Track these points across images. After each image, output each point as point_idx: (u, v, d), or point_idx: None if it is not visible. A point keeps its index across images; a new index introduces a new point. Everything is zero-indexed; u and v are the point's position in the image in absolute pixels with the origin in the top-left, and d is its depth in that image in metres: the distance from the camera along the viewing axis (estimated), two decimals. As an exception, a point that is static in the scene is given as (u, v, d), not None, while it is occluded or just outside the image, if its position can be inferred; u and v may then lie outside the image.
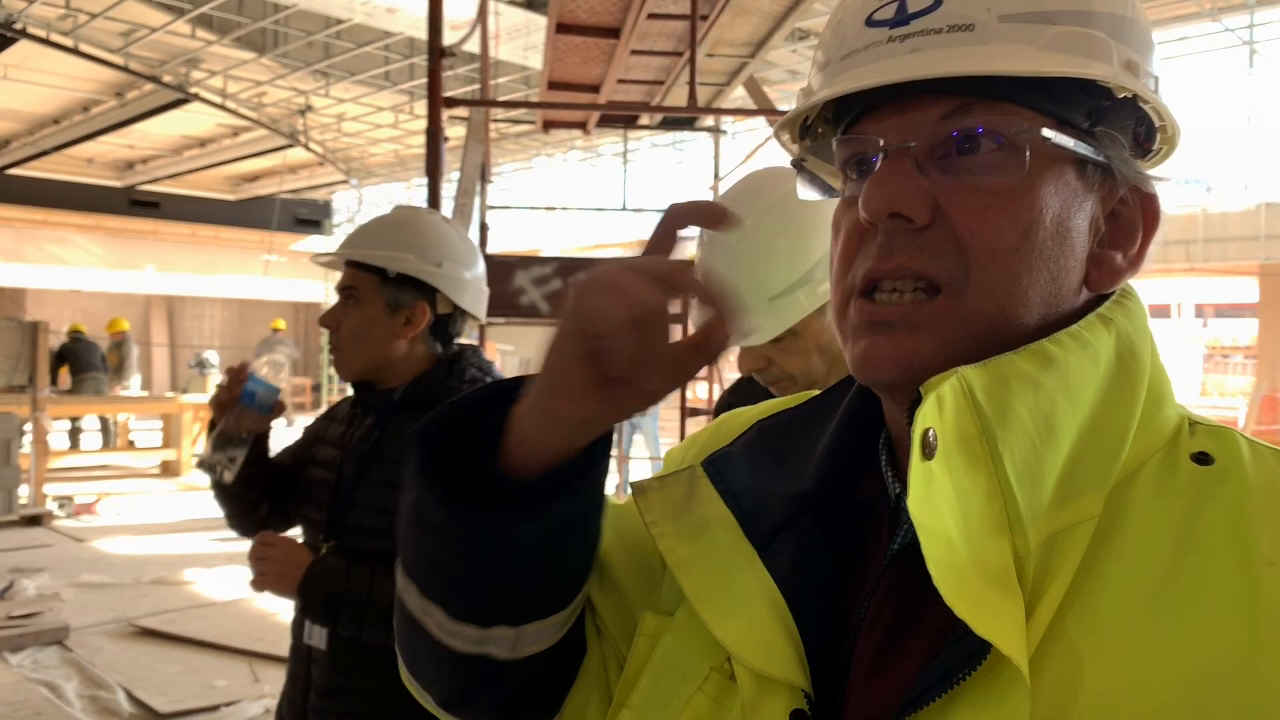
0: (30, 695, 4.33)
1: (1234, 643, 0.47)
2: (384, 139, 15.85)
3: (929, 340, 0.55)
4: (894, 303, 0.55)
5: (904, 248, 0.55)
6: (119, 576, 6.52)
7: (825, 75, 0.59)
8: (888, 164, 0.55)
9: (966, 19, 0.54)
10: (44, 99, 13.79)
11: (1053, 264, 0.55)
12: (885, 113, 0.56)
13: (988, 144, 0.54)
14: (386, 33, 10.66)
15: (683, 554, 0.60)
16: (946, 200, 0.54)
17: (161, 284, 19.94)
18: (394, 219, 1.75)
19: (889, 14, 0.56)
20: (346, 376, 1.70)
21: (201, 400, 11.80)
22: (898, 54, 0.55)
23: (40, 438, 8.86)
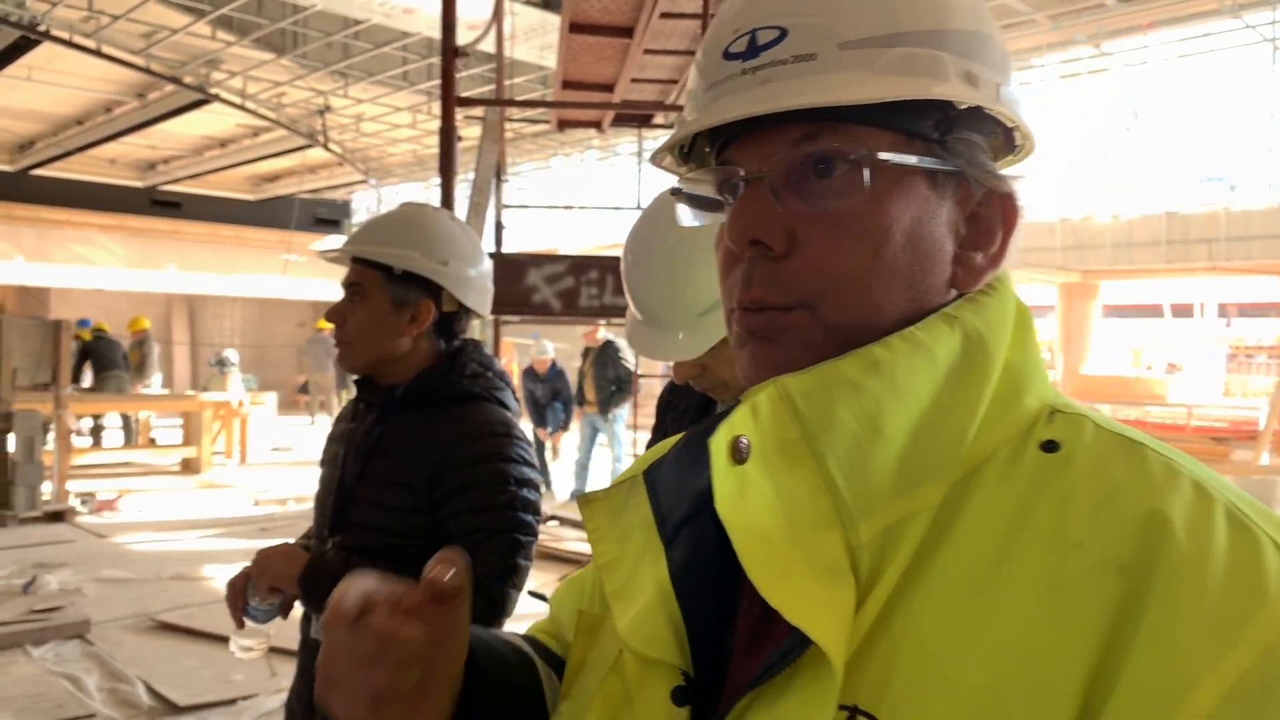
0: (52, 688, 4.39)
1: (1034, 628, 0.48)
2: (402, 139, 15.93)
3: (796, 349, 0.58)
4: (765, 318, 0.59)
5: (762, 278, 0.59)
6: (140, 572, 6.59)
7: (693, 106, 0.63)
8: (747, 192, 0.59)
9: (809, 49, 0.57)
10: (67, 100, 13.95)
11: (905, 273, 0.58)
12: (745, 141, 0.60)
13: (841, 166, 0.57)
14: (404, 33, 10.73)
15: (610, 555, 0.66)
16: (802, 229, 0.58)
17: (182, 283, 20.10)
18: (400, 216, 1.76)
19: (742, 47, 0.59)
20: (351, 370, 1.72)
21: (222, 398, 11.91)
22: (750, 86, 0.58)
23: (63, 435, 8.96)
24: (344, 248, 1.70)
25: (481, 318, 1.79)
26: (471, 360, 1.72)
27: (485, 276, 1.77)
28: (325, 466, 1.79)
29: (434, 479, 1.59)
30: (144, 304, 19.22)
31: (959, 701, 0.48)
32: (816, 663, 0.50)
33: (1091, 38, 11.09)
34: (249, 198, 20.57)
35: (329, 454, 1.79)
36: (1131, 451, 0.55)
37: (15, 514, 8.05)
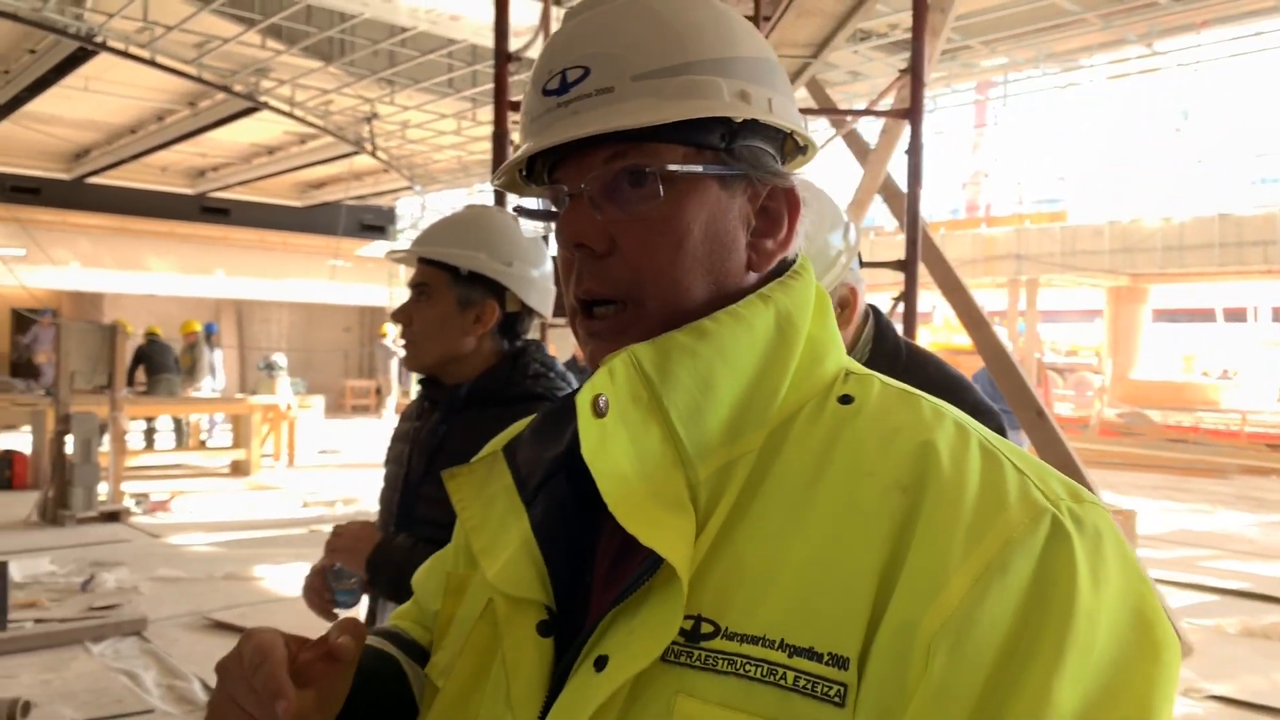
0: (112, 683, 4.48)
1: (837, 541, 0.60)
2: (447, 145, 16.07)
3: (628, 337, 0.69)
4: (600, 317, 0.71)
5: (589, 274, 0.70)
6: (192, 571, 6.70)
7: (523, 136, 0.74)
8: (572, 204, 0.71)
9: (607, 83, 0.69)
10: (122, 109, 14.26)
11: (706, 262, 0.70)
12: (568, 163, 0.71)
13: (643, 178, 0.69)
14: (450, 40, 10.82)
15: (476, 519, 0.77)
16: (617, 231, 0.69)
17: (231, 288, 20.46)
18: (467, 217, 1.77)
19: (555, 85, 0.71)
20: (416, 369, 1.74)
21: (271, 401, 12.09)
22: (564, 118, 0.69)
23: (118, 437, 9.15)
24: (411, 248, 1.72)
25: (544, 319, 1.80)
26: (534, 360, 1.74)
27: (548, 278, 1.78)
28: (390, 465, 1.81)
29: None
30: (194, 308, 19.58)
31: (781, 604, 0.59)
32: (667, 580, 0.62)
33: (1143, 37, 10.91)
34: (296, 204, 20.88)
35: (394, 452, 1.81)
36: (908, 400, 0.68)
37: (73, 514, 8.23)
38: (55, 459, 8.46)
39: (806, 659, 0.57)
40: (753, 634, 0.59)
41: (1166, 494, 10.97)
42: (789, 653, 0.58)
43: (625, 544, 0.67)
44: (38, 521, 8.29)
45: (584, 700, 0.62)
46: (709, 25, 0.71)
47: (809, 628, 0.58)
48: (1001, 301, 18.87)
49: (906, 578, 0.57)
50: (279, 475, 11.60)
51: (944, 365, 1.64)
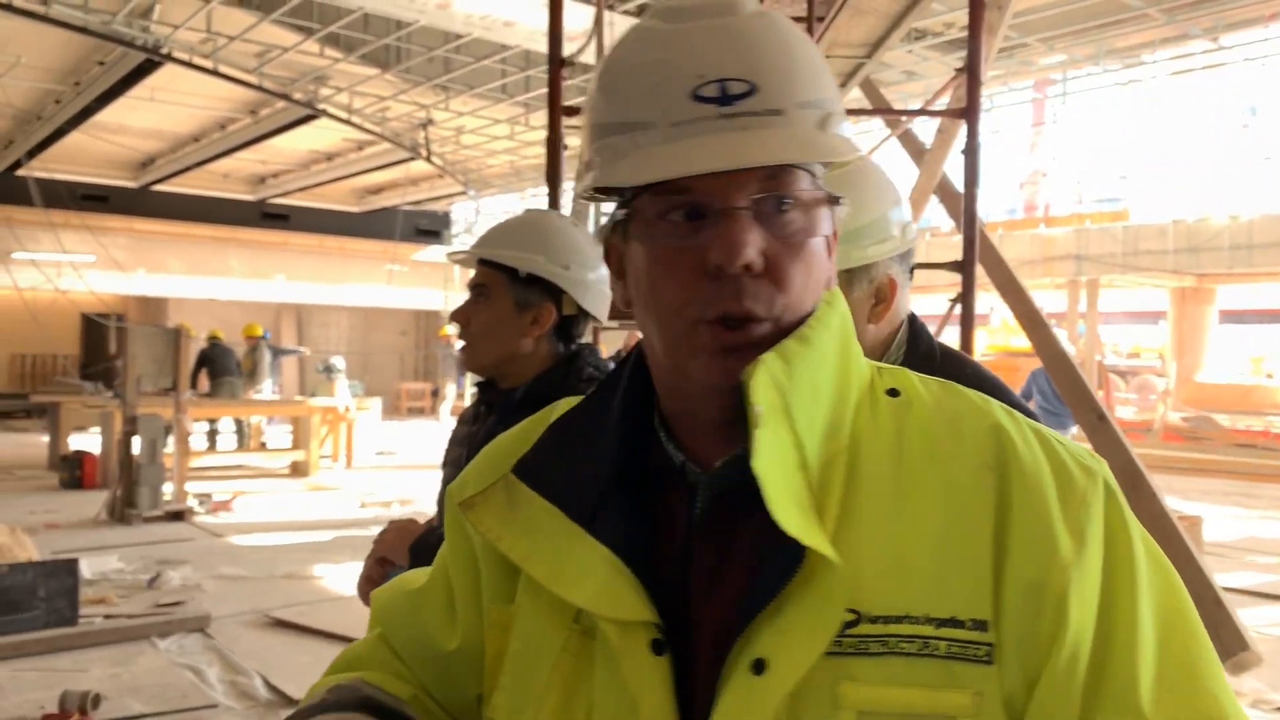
0: (177, 679, 4.60)
1: (946, 518, 0.67)
2: (500, 150, 16.22)
3: (760, 352, 0.70)
4: (743, 330, 0.70)
5: (747, 293, 0.70)
6: (253, 570, 6.85)
7: (654, 137, 0.70)
8: (731, 220, 0.69)
9: (777, 105, 0.70)
10: (185, 118, 14.62)
11: (819, 283, 0.74)
12: (714, 176, 0.69)
13: (788, 203, 0.71)
14: (503, 46, 10.92)
15: (522, 549, 0.74)
16: (768, 251, 0.70)
17: (291, 293, 20.87)
18: (526, 220, 1.80)
19: (714, 92, 0.69)
20: (473, 369, 1.77)
21: (329, 403, 12.30)
22: (729, 130, 0.69)
23: (182, 438, 9.37)
24: (471, 250, 1.75)
25: (599, 323, 1.81)
26: (588, 364, 1.75)
27: (604, 281, 1.80)
28: (448, 467, 1.84)
29: None
30: (255, 312, 20.00)
31: (917, 583, 0.65)
32: (809, 578, 0.65)
33: (1208, 31, 10.63)
34: (354, 210, 21.22)
35: (451, 455, 1.84)
36: (952, 389, 0.76)
37: (140, 513, 8.46)
38: (123, 459, 8.70)
39: (952, 628, 0.65)
40: (896, 614, 0.65)
41: (1234, 500, 10.68)
42: (936, 625, 0.65)
43: (721, 551, 0.71)
44: (106, 520, 8.53)
45: (751, 705, 0.64)
46: (820, 59, 0.75)
47: (948, 600, 0.65)
48: (1061, 303, 18.50)
49: (1018, 544, 0.66)
50: (337, 476, 11.79)
51: (979, 367, 1.62)
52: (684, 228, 0.70)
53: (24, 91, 13.11)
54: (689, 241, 0.70)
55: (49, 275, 12.39)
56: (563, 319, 1.75)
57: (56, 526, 8.14)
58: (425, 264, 21.42)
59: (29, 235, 12.34)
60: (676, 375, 0.74)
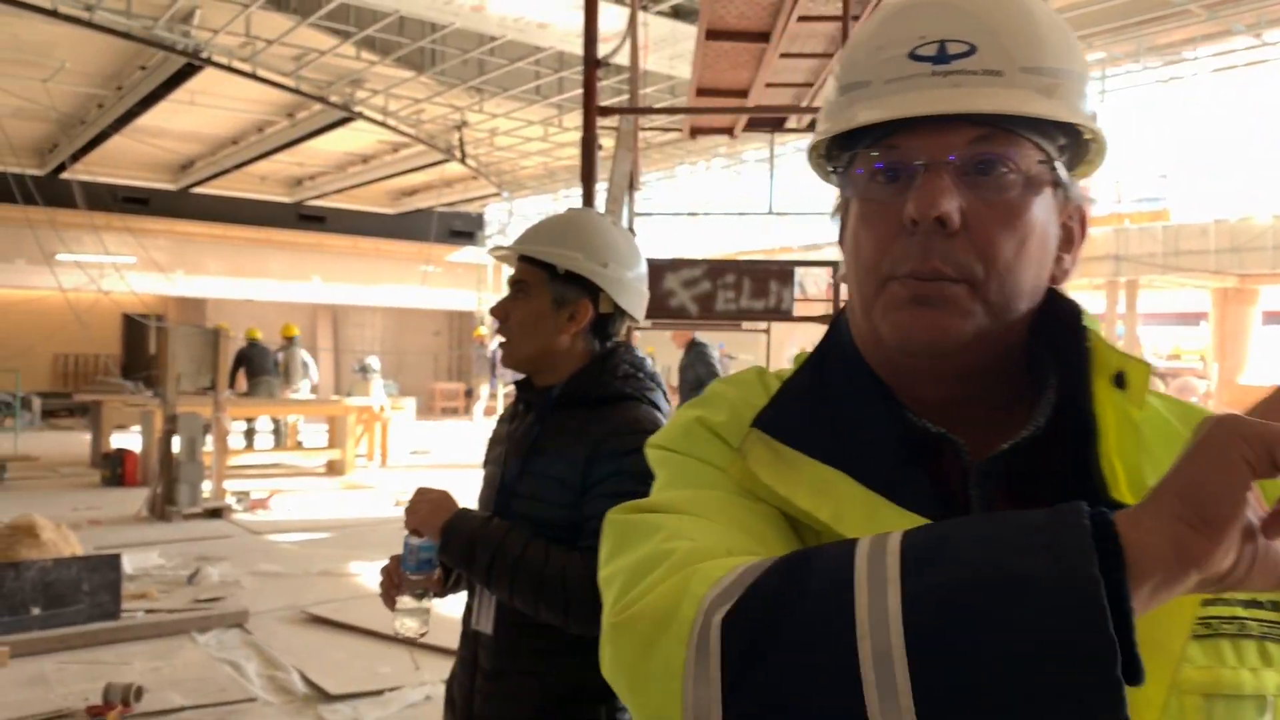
0: (216, 673, 4.66)
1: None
2: (534, 151, 16.30)
3: (955, 316, 0.69)
4: (933, 283, 0.68)
5: (936, 251, 0.68)
6: (290, 567, 6.93)
7: (869, 96, 0.71)
8: (930, 175, 0.68)
9: (997, 66, 0.68)
10: (224, 121, 14.83)
11: (1037, 264, 0.71)
12: (921, 132, 0.69)
13: (1000, 167, 0.68)
14: (537, 48, 10.98)
15: (828, 511, 0.69)
16: (971, 212, 0.68)
17: (326, 293, 21.10)
18: (566, 219, 1.82)
19: (931, 52, 0.69)
20: (511, 364, 1.79)
21: (365, 403, 12.41)
22: (940, 86, 0.68)
23: (221, 437, 9.50)
24: (512, 247, 1.77)
25: (636, 321, 1.82)
26: (623, 362, 1.76)
27: (641, 280, 1.81)
28: (489, 465, 1.86)
29: (586, 471, 1.64)
30: (291, 313, 20.23)
31: None
32: None
33: (1251, 28, 10.45)
34: (388, 211, 21.41)
35: (492, 454, 1.86)
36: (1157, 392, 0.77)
37: (179, 510, 8.58)
38: (163, 457, 8.84)
39: (1255, 609, 0.67)
40: (1209, 597, 0.65)
41: (1278, 504, 10.47)
42: (1244, 606, 0.66)
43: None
44: (147, 517, 8.67)
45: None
46: (1068, 34, 0.73)
47: None
48: (1099, 304, 18.27)
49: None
50: (372, 475, 11.90)
51: None
52: (891, 187, 0.70)
53: (68, 96, 13.36)
54: (894, 198, 0.70)
55: (92, 276, 12.61)
56: (599, 316, 1.77)
57: (99, 523, 8.28)
58: (459, 265, 21.56)
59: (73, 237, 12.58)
60: (876, 344, 0.74)
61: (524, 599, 1.59)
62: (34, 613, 5.01)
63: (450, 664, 1.91)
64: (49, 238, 11.59)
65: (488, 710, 1.72)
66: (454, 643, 1.87)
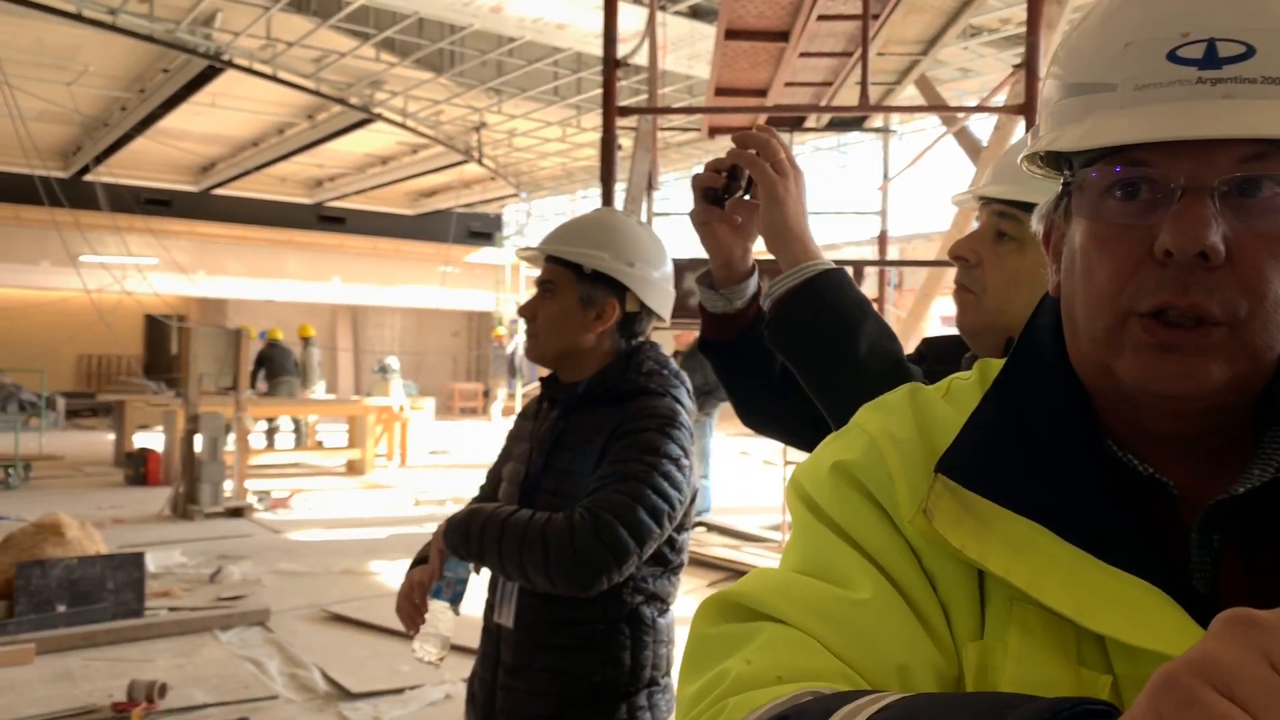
0: (239, 670, 4.70)
1: None
2: (552, 152, 16.33)
3: (1215, 365, 0.59)
4: (1184, 327, 0.59)
5: (1197, 286, 0.58)
6: (311, 565, 6.97)
7: (1115, 100, 0.61)
8: (1190, 202, 0.58)
9: (1279, 73, 0.57)
10: (245, 123, 14.94)
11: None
12: (1178, 149, 0.58)
13: (1272, 189, 0.58)
14: (555, 49, 11.00)
15: (1023, 574, 0.61)
16: (1236, 242, 0.58)
17: (346, 294, 21.22)
18: (593, 219, 1.84)
19: (1197, 54, 0.58)
20: (537, 360, 1.81)
21: (384, 403, 12.47)
22: (1209, 97, 0.58)
23: (242, 436, 9.57)
24: (539, 247, 1.79)
25: (662, 320, 1.83)
26: (648, 359, 1.78)
27: (667, 279, 1.83)
28: (512, 463, 1.87)
29: (602, 457, 1.67)
30: (311, 313, 20.35)
31: None
32: None
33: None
34: (407, 212, 21.51)
35: (517, 450, 1.87)
36: None
37: (201, 509, 8.65)
38: (185, 457, 8.91)
39: None
40: None
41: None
42: None
43: (1255, 586, 0.60)
44: (169, 515, 8.74)
45: None
46: None
47: None
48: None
49: None
50: (391, 474, 11.96)
51: None
52: (1135, 206, 0.61)
53: (92, 99, 13.49)
54: (1138, 221, 0.60)
55: (115, 277, 12.73)
56: (626, 315, 1.78)
57: (122, 521, 8.36)
58: (477, 265, 21.63)
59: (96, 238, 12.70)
60: (1102, 377, 0.64)
61: (509, 560, 1.61)
62: (59, 610, 5.07)
63: (471, 662, 1.91)
64: (73, 239, 11.71)
65: (509, 705, 1.73)
66: (475, 641, 1.88)
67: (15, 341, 18.91)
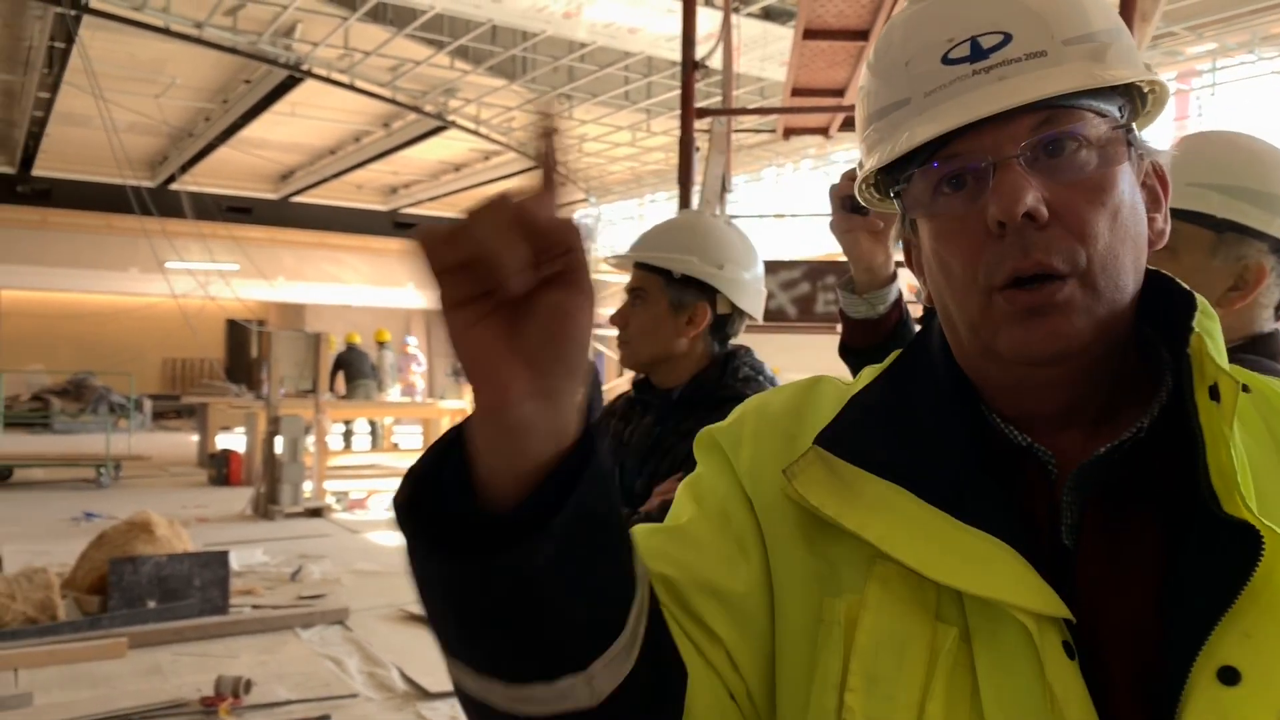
0: (319, 668, 4.78)
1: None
2: (621, 156, 16.38)
3: (1076, 317, 0.64)
4: (1041, 291, 0.64)
5: (1035, 245, 0.64)
6: (387, 566, 7.07)
7: (913, 111, 0.68)
8: (1002, 173, 0.64)
9: (1039, 47, 0.65)
10: (323, 132, 15.27)
11: (1134, 235, 0.67)
12: (979, 133, 0.65)
13: (1071, 145, 0.65)
14: (626, 53, 11.03)
15: (876, 530, 0.65)
16: (1054, 199, 0.64)
17: (420, 299, 21.56)
18: (680, 223, 1.84)
19: (964, 52, 0.66)
20: (630, 366, 1.80)
21: (458, 406, 12.62)
22: (986, 84, 0.65)
23: (321, 438, 9.77)
24: (627, 254, 1.78)
25: (755, 320, 1.81)
26: (744, 364, 1.77)
27: (759, 280, 1.81)
28: None
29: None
30: (386, 318, 20.73)
31: None
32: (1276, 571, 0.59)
33: (1378, 14, 9.91)
34: (478, 218, 21.79)
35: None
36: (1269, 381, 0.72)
37: (281, 509, 8.85)
38: (266, 458, 9.13)
39: None
40: None
41: None
42: None
43: (1113, 545, 0.65)
44: (251, 515, 8.96)
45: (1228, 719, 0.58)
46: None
47: None
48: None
49: None
50: (464, 477, 12.08)
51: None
52: (963, 194, 0.67)
53: (178, 110, 13.93)
54: (970, 206, 0.66)
55: (200, 282, 13.12)
56: (718, 318, 1.77)
57: (206, 520, 8.60)
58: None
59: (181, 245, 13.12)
60: (988, 358, 0.69)
61: None
62: (150, 606, 5.22)
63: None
64: (160, 246, 12.10)
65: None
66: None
67: (105, 346, 19.64)
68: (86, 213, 17.63)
